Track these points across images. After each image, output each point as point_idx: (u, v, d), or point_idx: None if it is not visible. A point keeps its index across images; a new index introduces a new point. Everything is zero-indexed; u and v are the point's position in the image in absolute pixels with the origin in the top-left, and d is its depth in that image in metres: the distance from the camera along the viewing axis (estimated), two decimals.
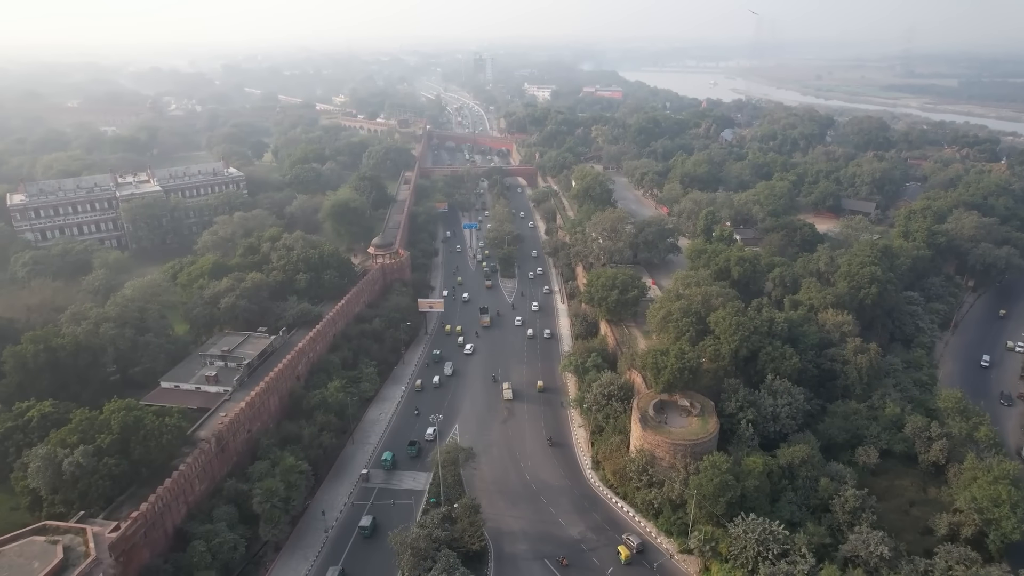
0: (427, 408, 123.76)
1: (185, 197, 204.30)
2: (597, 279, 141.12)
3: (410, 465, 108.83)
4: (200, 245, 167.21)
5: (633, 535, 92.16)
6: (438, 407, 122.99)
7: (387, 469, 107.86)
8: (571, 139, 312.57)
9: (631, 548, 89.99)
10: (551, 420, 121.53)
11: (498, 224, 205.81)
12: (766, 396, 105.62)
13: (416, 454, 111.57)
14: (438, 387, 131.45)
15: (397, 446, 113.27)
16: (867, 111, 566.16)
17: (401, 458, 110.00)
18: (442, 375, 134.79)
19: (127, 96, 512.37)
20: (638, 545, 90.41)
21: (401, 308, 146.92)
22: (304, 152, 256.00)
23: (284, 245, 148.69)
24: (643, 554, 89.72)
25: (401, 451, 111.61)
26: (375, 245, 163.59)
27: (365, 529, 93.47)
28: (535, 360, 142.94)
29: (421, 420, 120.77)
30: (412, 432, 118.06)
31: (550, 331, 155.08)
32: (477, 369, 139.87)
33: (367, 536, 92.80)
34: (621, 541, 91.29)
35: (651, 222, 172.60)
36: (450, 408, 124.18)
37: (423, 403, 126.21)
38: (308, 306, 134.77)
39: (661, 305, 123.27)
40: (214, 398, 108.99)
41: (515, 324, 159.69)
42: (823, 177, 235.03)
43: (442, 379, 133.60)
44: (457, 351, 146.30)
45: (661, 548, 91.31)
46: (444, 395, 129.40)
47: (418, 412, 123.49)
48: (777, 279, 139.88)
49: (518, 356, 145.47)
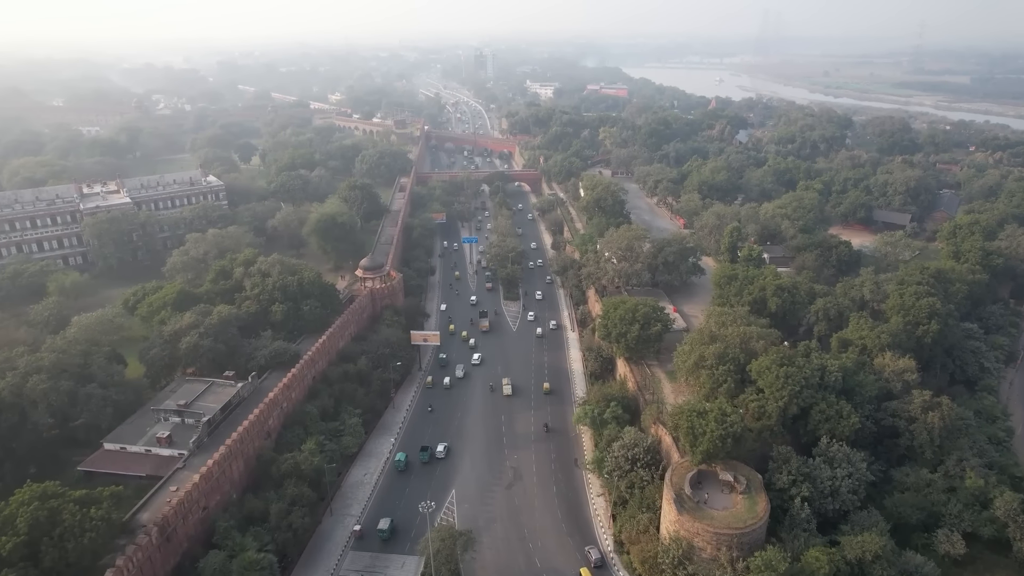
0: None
1: (158, 209, 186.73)
2: (614, 310, 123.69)
3: (398, 546, 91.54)
4: (169, 267, 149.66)
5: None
6: (429, 477, 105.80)
7: (384, 538, 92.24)
8: (577, 142, 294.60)
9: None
10: (564, 484, 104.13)
11: (501, 239, 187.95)
12: (822, 465, 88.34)
13: (428, 460, 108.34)
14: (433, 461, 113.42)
15: (388, 510, 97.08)
16: (881, 109, 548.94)
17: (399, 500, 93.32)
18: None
19: (115, 94, 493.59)
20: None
21: (392, 343, 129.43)
22: (292, 157, 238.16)
23: (259, 271, 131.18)
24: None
25: (395, 513, 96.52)
26: (363, 267, 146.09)
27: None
28: (543, 406, 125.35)
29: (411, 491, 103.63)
30: (401, 498, 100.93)
31: (549, 383, 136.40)
32: (477, 425, 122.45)
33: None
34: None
35: (671, 240, 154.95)
36: (443, 482, 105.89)
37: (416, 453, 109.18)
38: (284, 344, 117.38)
39: (692, 348, 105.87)
40: (167, 463, 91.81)
41: (521, 360, 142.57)
42: (851, 186, 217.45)
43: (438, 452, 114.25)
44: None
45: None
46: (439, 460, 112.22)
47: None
48: (821, 313, 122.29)
49: (524, 399, 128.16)
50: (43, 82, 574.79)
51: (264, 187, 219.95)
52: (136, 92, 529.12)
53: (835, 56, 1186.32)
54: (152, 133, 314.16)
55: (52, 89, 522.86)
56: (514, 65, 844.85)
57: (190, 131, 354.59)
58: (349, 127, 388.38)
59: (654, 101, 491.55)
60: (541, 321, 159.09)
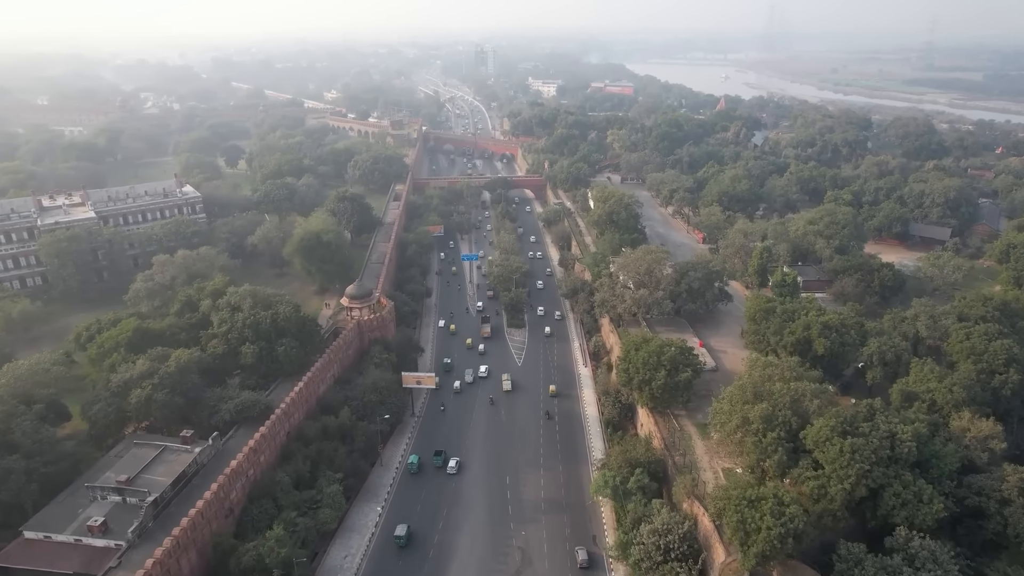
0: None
1: (127, 224, 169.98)
2: (635, 352, 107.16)
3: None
4: (131, 295, 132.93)
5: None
6: (421, 562, 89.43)
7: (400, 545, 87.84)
8: (584, 145, 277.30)
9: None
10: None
11: (504, 257, 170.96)
12: (902, 567, 71.76)
13: (442, 464, 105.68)
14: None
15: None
16: (895, 108, 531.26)
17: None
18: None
19: (103, 92, 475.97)
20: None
21: (380, 388, 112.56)
22: (278, 163, 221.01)
23: (229, 304, 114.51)
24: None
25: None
26: (350, 296, 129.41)
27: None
28: (554, 464, 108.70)
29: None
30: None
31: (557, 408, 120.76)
32: (477, 491, 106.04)
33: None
34: None
35: (696, 264, 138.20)
36: (436, 568, 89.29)
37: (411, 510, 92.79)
38: (253, 396, 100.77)
39: (732, 407, 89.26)
40: (100, 557, 75.39)
41: (527, 402, 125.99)
42: (883, 196, 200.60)
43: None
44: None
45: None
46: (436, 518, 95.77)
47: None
48: (876, 357, 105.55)
49: (531, 452, 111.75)
50: (31, 79, 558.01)
51: (248, 196, 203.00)
52: (126, 90, 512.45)
53: (841, 52, 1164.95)
54: (134, 135, 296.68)
55: (39, 87, 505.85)
56: (515, 62, 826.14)
57: (177, 132, 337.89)
58: (343, 127, 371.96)
59: (661, 100, 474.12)
60: (550, 358, 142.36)
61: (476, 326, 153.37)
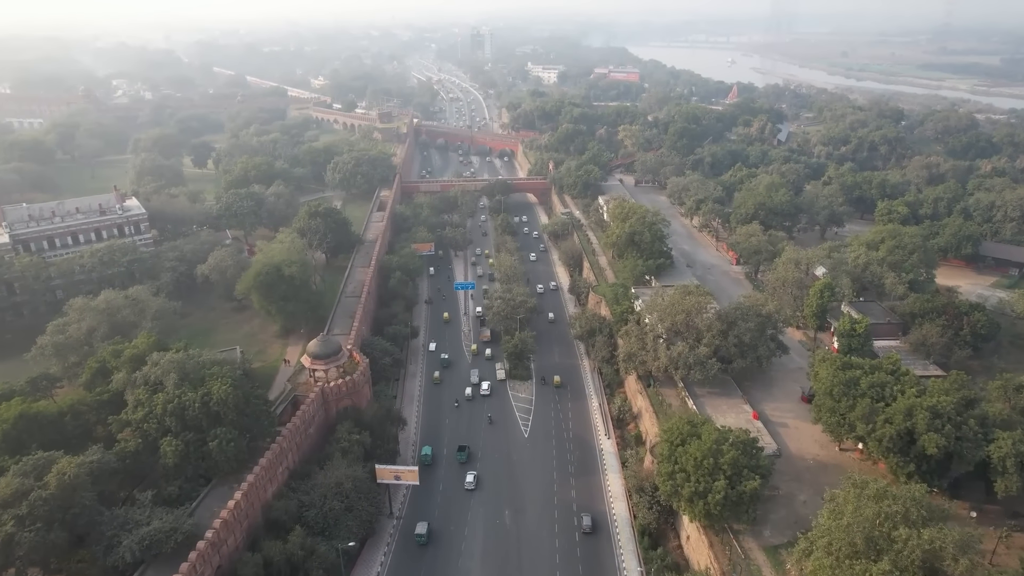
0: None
1: (54, 248, 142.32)
2: (681, 448, 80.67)
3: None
4: (34, 354, 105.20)
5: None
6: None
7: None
8: (593, 143, 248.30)
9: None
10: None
11: (506, 288, 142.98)
12: None
13: (466, 460, 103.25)
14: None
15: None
16: (915, 96, 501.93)
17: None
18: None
19: (72, 78, 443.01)
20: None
21: (345, 490, 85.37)
22: (244, 169, 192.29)
23: (147, 379, 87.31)
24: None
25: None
26: (313, 355, 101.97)
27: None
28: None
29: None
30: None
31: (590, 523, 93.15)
32: None
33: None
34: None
35: (747, 311, 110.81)
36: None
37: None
38: (168, 521, 73.44)
39: (837, 560, 62.55)
40: None
41: (537, 499, 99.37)
42: (943, 208, 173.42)
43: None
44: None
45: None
46: None
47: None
48: (1012, 461, 78.64)
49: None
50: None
51: (206, 210, 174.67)
52: (99, 76, 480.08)
53: (848, 34, 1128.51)
54: (92, 131, 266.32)
55: (3, 73, 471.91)
56: (513, 45, 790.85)
57: (144, 124, 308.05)
58: (328, 120, 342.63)
59: (669, 87, 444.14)
60: (565, 427, 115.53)
61: (473, 375, 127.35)
